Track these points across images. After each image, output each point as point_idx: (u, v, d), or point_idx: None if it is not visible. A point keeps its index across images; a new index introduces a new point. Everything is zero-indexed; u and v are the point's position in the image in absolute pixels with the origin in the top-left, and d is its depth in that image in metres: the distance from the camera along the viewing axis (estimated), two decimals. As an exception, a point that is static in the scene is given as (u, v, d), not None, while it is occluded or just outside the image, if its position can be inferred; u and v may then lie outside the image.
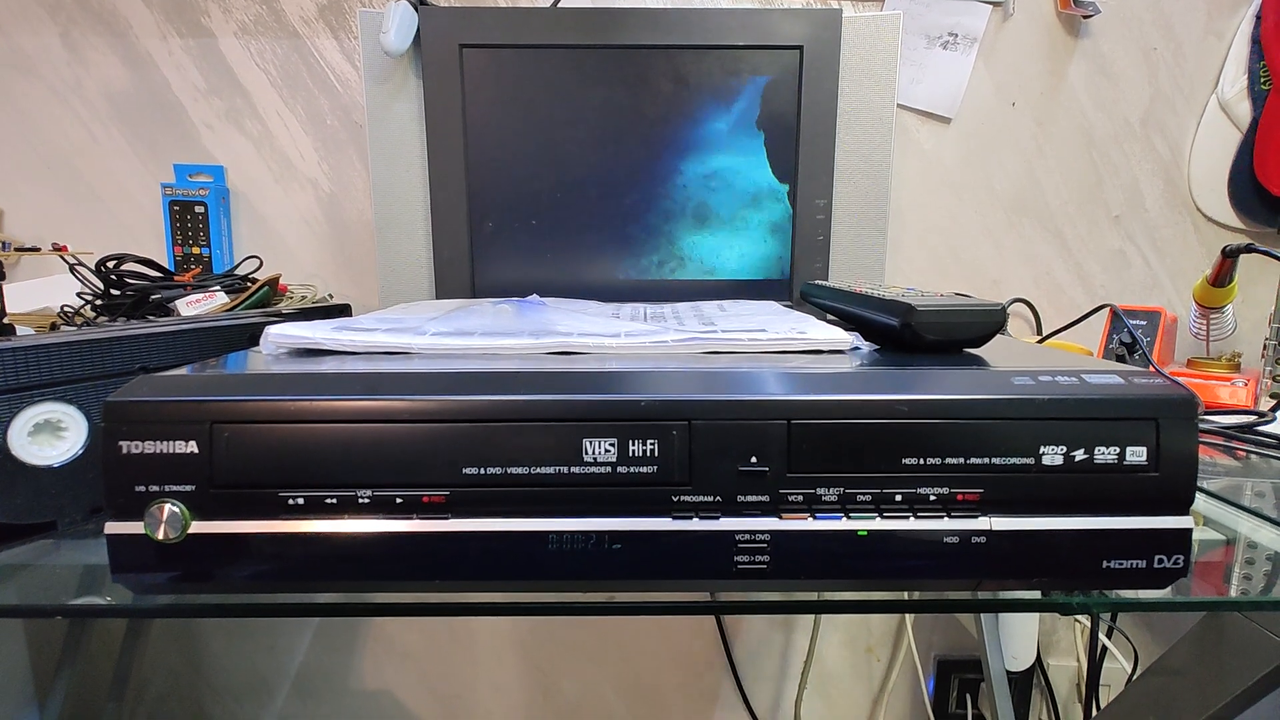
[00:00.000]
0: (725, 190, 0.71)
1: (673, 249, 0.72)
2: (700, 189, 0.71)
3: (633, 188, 0.71)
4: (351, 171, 0.84)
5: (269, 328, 0.36)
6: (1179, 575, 0.29)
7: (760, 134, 0.69)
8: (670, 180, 0.71)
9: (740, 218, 0.71)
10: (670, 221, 0.71)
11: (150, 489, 0.28)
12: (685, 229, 0.72)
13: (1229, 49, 0.81)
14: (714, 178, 0.70)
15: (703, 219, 0.71)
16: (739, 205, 0.71)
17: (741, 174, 0.70)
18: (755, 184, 0.71)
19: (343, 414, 0.28)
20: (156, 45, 0.82)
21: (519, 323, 0.42)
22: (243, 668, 0.97)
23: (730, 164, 0.70)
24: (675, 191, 0.71)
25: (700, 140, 0.70)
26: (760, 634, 0.97)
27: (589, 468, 0.28)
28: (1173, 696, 0.48)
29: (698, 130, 0.70)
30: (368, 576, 0.29)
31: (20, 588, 0.36)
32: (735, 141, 0.70)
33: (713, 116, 0.69)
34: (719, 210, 0.71)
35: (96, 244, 0.84)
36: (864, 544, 0.29)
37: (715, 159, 0.70)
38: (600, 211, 0.71)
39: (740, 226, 0.71)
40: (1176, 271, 0.86)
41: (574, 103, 0.69)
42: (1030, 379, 0.30)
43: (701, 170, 0.70)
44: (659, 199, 0.71)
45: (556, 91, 0.69)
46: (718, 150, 0.70)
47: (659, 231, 0.71)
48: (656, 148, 0.70)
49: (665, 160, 0.70)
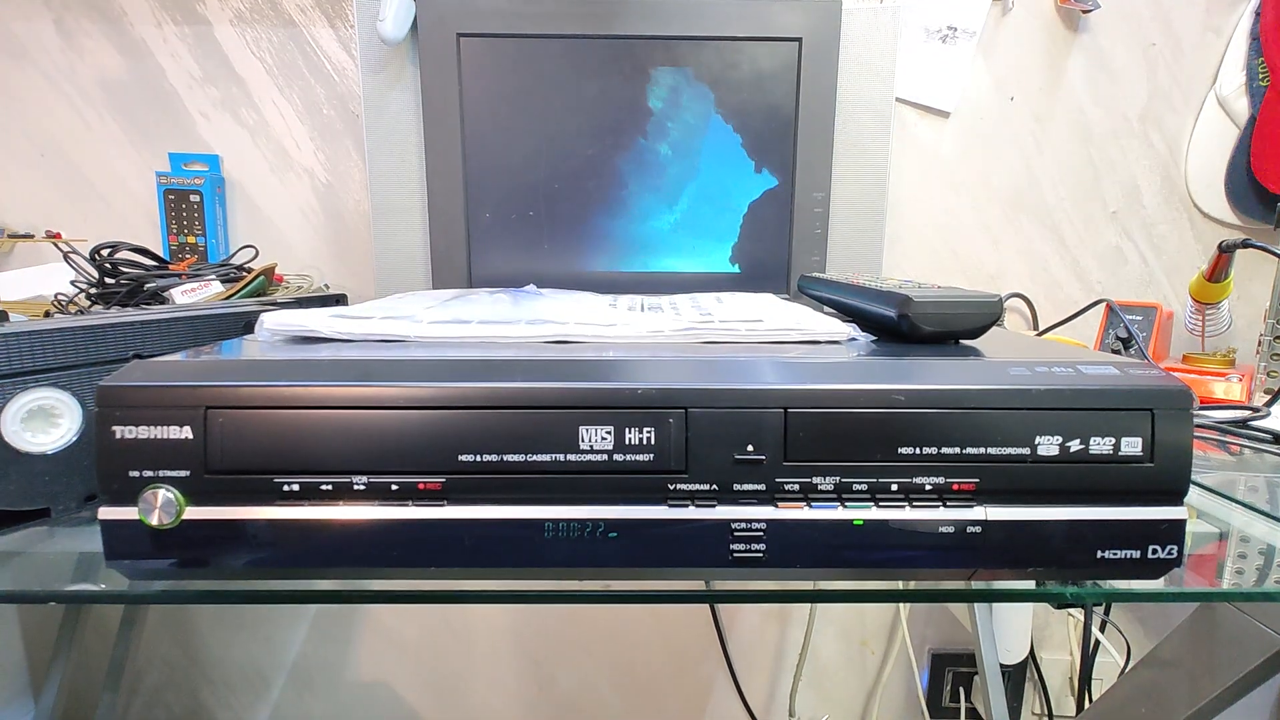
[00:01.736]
0: (721, 183, 0.71)
1: (670, 241, 0.72)
2: (697, 182, 0.71)
3: (629, 178, 0.70)
4: (348, 161, 0.84)
5: (264, 315, 0.36)
6: (1173, 565, 0.30)
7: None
8: (666, 171, 0.70)
9: (736, 211, 0.71)
10: (667, 213, 0.71)
11: (144, 474, 0.28)
12: (683, 222, 0.71)
13: (1227, 45, 0.81)
14: (707, 172, 0.70)
15: (701, 212, 0.71)
16: (736, 198, 0.71)
17: (731, 169, 0.70)
18: (743, 180, 0.70)
19: (338, 400, 0.28)
20: (151, 32, 0.81)
21: (515, 311, 0.42)
22: (239, 659, 0.97)
23: (718, 160, 0.70)
24: (671, 182, 0.71)
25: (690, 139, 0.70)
26: (755, 627, 0.97)
27: (585, 455, 0.28)
28: (1165, 688, 0.48)
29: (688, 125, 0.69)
30: (363, 563, 0.29)
31: (14, 575, 0.36)
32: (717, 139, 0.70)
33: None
34: (718, 203, 0.71)
35: (90, 233, 0.83)
36: (860, 533, 0.29)
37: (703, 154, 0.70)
38: (597, 202, 0.71)
39: (735, 220, 0.71)
40: (1173, 268, 0.86)
41: (572, 93, 0.69)
42: (1026, 370, 0.30)
43: (694, 163, 0.70)
44: (655, 190, 0.71)
45: (554, 82, 0.68)
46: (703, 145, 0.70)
47: (656, 223, 0.71)
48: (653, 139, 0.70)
49: (662, 151, 0.70)
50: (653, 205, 0.71)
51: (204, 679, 0.98)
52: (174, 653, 0.97)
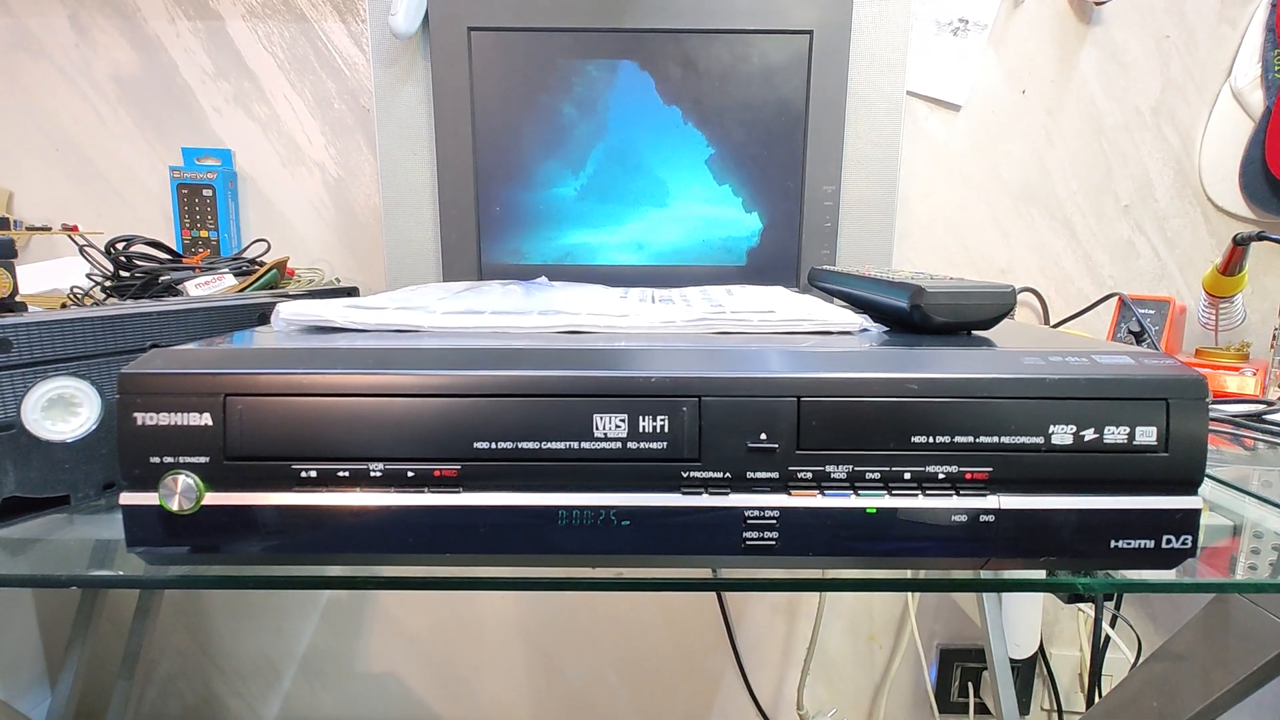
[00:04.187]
0: (734, 177, 0.71)
1: (682, 233, 0.72)
2: (708, 174, 0.71)
3: (641, 172, 0.70)
4: (359, 156, 0.84)
5: (280, 305, 0.36)
6: (1187, 555, 0.30)
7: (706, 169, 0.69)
8: (678, 166, 0.70)
9: (750, 207, 0.71)
10: (680, 206, 0.71)
11: (164, 460, 0.28)
12: (694, 214, 0.71)
13: (1243, 37, 0.80)
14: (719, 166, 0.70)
15: (711, 205, 0.71)
16: (748, 194, 0.71)
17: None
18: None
19: (355, 387, 0.28)
20: (164, 27, 0.81)
21: (528, 303, 0.42)
22: (250, 649, 0.98)
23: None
24: (683, 177, 0.71)
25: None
26: (763, 620, 0.97)
27: (599, 443, 0.29)
28: (1177, 682, 0.48)
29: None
30: (379, 549, 0.29)
31: (34, 560, 0.36)
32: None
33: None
34: (728, 197, 0.71)
35: (105, 227, 0.84)
36: (872, 521, 0.29)
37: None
38: (609, 196, 0.71)
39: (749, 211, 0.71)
40: (1186, 262, 0.85)
41: (582, 86, 0.69)
42: (1040, 359, 0.30)
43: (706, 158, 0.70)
44: (667, 183, 0.71)
45: (565, 75, 0.68)
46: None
47: (668, 216, 0.71)
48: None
49: (674, 145, 0.70)
50: (664, 197, 0.71)
51: (216, 669, 0.99)
52: (186, 642, 0.98)
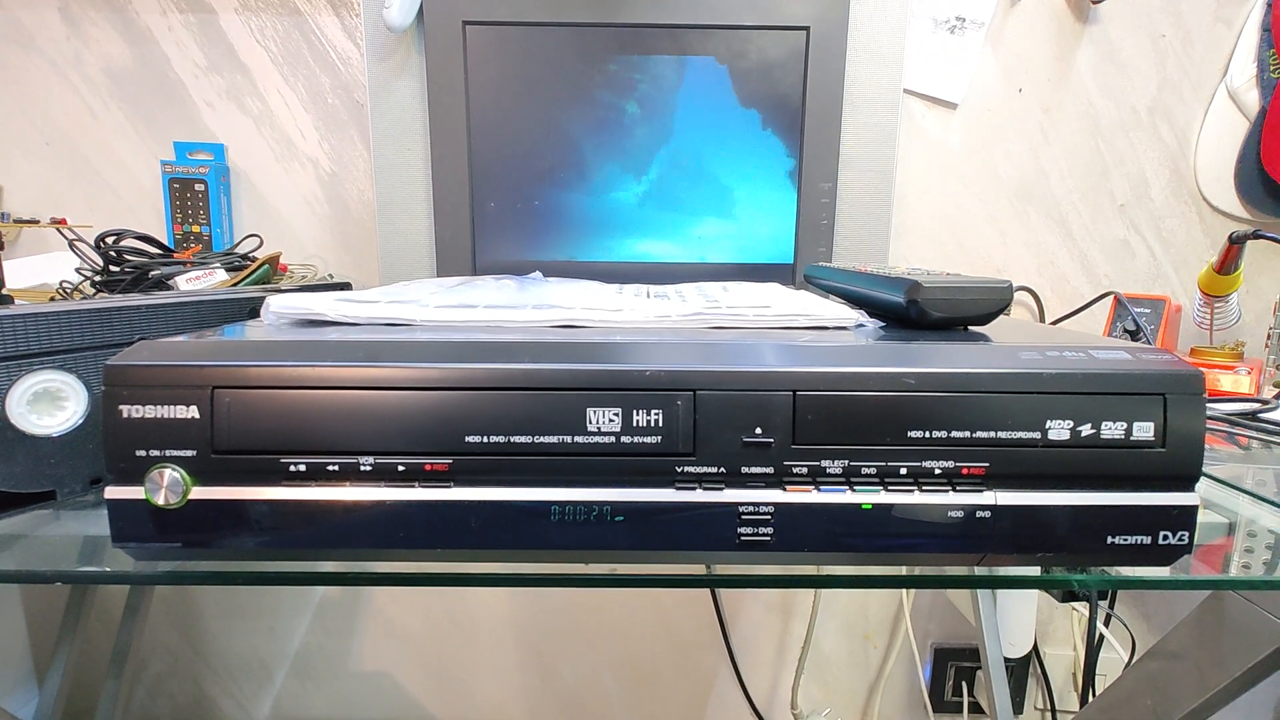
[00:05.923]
0: (729, 171, 0.70)
1: (677, 230, 0.71)
2: (703, 169, 0.70)
3: (636, 168, 0.70)
4: (353, 151, 0.83)
5: (271, 297, 0.36)
6: (1184, 552, 0.29)
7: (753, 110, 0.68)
8: (673, 160, 0.70)
9: (744, 200, 0.71)
10: (674, 202, 0.71)
11: (151, 454, 0.28)
12: (688, 211, 0.71)
13: (1238, 37, 0.80)
14: (717, 158, 0.70)
15: (705, 201, 0.71)
16: (743, 187, 0.71)
17: (743, 154, 0.70)
18: (758, 163, 0.70)
19: (345, 380, 0.28)
20: (156, 21, 0.81)
21: (522, 297, 0.42)
22: (241, 648, 0.98)
23: (731, 144, 0.70)
24: (678, 172, 0.70)
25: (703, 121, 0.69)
26: (758, 619, 0.97)
27: (593, 437, 0.28)
28: (1172, 680, 0.48)
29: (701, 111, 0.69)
30: (369, 544, 0.29)
31: (19, 557, 0.36)
32: (733, 122, 0.69)
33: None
34: (722, 192, 0.71)
35: (96, 221, 0.83)
36: (868, 517, 0.29)
37: (718, 140, 0.70)
38: (603, 192, 0.70)
39: (744, 208, 0.71)
40: (1181, 262, 0.85)
41: (578, 81, 0.68)
42: (1037, 354, 0.29)
43: (704, 150, 0.70)
44: (662, 180, 0.70)
45: (560, 70, 0.68)
46: (720, 131, 0.69)
47: (663, 213, 0.71)
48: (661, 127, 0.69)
49: (669, 140, 0.70)
50: (658, 194, 0.71)
51: (207, 668, 0.98)
52: (177, 641, 0.97)
